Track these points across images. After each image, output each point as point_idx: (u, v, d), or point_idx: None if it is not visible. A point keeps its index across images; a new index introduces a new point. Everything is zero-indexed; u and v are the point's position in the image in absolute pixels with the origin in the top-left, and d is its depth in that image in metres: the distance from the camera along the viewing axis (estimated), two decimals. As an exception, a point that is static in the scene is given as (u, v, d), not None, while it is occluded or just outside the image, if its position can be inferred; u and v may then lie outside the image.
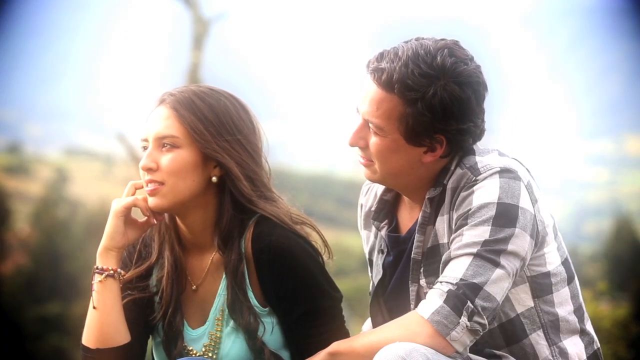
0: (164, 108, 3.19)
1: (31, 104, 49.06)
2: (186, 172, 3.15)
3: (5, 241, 28.89)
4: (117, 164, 39.58)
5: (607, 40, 54.14)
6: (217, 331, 3.22)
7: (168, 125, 3.16)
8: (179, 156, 3.14)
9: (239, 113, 3.21)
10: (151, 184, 3.16)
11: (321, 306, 3.15)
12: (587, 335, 3.15)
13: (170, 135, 3.15)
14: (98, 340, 3.16)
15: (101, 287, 3.17)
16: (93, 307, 3.17)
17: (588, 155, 49.52)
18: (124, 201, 3.19)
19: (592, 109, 52.55)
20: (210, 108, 3.17)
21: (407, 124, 3.01)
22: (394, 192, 3.27)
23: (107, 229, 3.19)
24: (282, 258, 3.13)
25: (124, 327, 3.18)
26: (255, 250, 3.15)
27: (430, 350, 2.85)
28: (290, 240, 3.15)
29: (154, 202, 3.15)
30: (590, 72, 54.89)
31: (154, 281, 3.29)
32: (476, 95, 3.03)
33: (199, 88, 3.22)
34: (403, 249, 3.20)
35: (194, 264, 3.27)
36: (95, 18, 54.66)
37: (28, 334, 24.76)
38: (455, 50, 3.03)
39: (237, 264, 3.16)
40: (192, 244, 3.25)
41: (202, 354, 3.23)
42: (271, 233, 3.14)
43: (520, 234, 2.95)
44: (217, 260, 3.22)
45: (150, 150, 3.16)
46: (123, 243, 3.19)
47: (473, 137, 3.07)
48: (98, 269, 3.18)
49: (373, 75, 3.05)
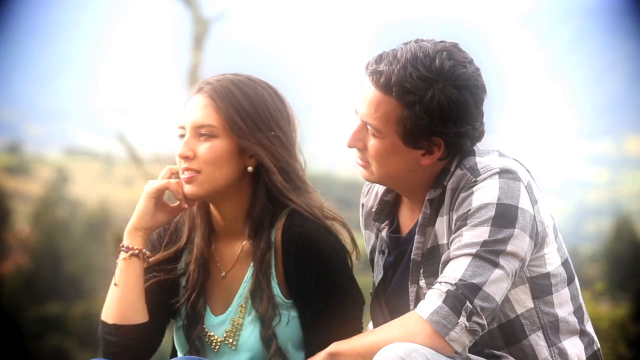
0: (201, 97, 3.21)
1: (31, 104, 49.05)
2: (222, 161, 3.18)
3: (5, 241, 28.89)
4: (117, 164, 39.56)
5: (607, 41, 54.11)
6: (239, 318, 3.24)
7: (206, 115, 3.18)
8: (215, 146, 3.17)
9: (275, 104, 3.24)
10: (187, 171, 3.19)
11: (340, 306, 3.16)
12: (587, 336, 3.15)
13: (208, 124, 3.18)
14: (116, 317, 3.19)
15: (125, 265, 3.20)
16: (114, 283, 3.20)
17: (588, 155, 49.49)
18: (157, 183, 3.22)
19: (592, 109, 52.52)
20: (247, 99, 3.20)
21: (405, 127, 3.01)
22: (394, 193, 3.27)
23: (136, 209, 3.22)
24: (310, 249, 3.15)
25: (142, 306, 3.21)
26: (284, 240, 3.18)
27: (429, 351, 2.85)
28: (319, 234, 3.17)
29: (190, 190, 3.18)
30: (590, 72, 54.86)
31: (182, 265, 3.31)
32: (474, 99, 3.03)
33: (237, 77, 3.24)
34: (404, 250, 3.20)
35: (224, 250, 3.29)
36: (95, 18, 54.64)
37: (28, 334, 24.75)
38: (454, 53, 3.02)
39: (265, 252, 3.19)
40: (224, 231, 3.28)
41: (222, 340, 3.25)
42: (302, 225, 3.17)
43: (519, 234, 2.95)
44: (248, 249, 3.25)
45: (187, 139, 3.19)
46: (151, 224, 3.23)
47: (472, 139, 3.07)
48: (124, 246, 3.21)
49: (371, 78, 3.05)
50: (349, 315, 3.17)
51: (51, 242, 29.02)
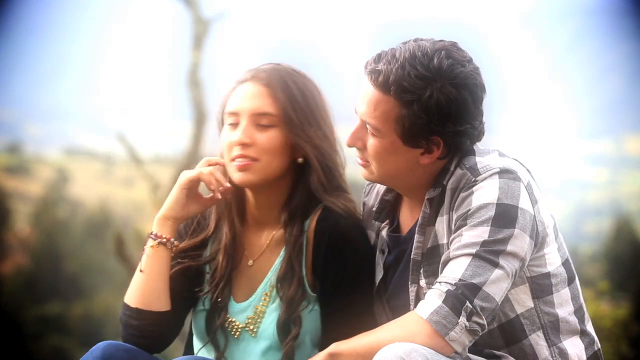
0: (257, 85, 3.21)
1: (31, 104, 49.05)
2: (279, 151, 3.20)
3: (5, 241, 28.92)
4: (117, 164, 39.58)
5: (607, 41, 54.13)
6: (262, 306, 3.25)
7: (267, 104, 3.19)
8: (275, 135, 3.19)
9: (322, 100, 3.28)
10: (242, 159, 3.18)
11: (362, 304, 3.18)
12: (588, 336, 3.15)
13: (269, 113, 3.19)
14: (139, 301, 3.20)
15: (152, 252, 3.21)
16: (140, 270, 3.21)
17: (588, 155, 49.50)
18: (189, 174, 3.21)
19: (592, 109, 52.53)
20: (301, 93, 3.22)
21: (404, 126, 3.01)
22: (395, 192, 3.27)
23: (168, 198, 3.23)
24: (342, 243, 3.18)
25: (166, 295, 3.21)
26: (317, 231, 3.20)
27: (429, 351, 2.85)
28: (353, 230, 3.21)
29: (244, 177, 3.18)
30: (590, 72, 54.87)
31: (208, 252, 3.32)
32: (473, 98, 3.02)
33: (286, 69, 3.26)
34: (404, 249, 3.20)
35: (253, 239, 3.30)
36: (95, 18, 54.64)
37: (28, 334, 24.77)
38: (452, 52, 3.02)
39: (297, 237, 3.20)
40: (255, 220, 3.29)
41: (243, 326, 3.26)
42: (337, 219, 3.20)
43: (519, 234, 2.95)
44: (278, 238, 3.26)
45: (245, 126, 3.18)
46: (182, 215, 3.23)
47: (471, 138, 3.06)
48: (152, 234, 3.21)
49: (370, 77, 3.05)
50: (367, 313, 3.19)
51: (51, 242, 29.05)
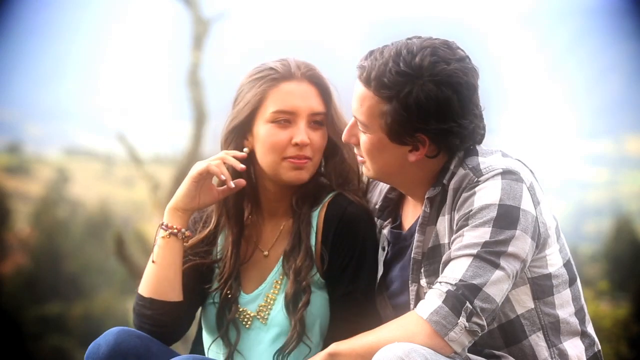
0: (310, 85, 3.28)
1: (31, 104, 49.03)
2: (324, 148, 3.29)
3: (5, 241, 28.91)
4: (117, 164, 39.56)
5: (607, 41, 54.09)
6: (273, 293, 3.27)
7: (319, 103, 3.27)
8: (325, 133, 3.28)
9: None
10: (301, 158, 3.24)
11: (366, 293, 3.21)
12: (588, 337, 3.14)
13: (322, 112, 3.28)
14: (152, 291, 3.23)
15: (163, 243, 3.24)
16: (152, 260, 3.23)
17: (588, 155, 49.46)
18: (199, 166, 3.23)
19: (592, 109, 52.50)
20: (334, 89, 3.30)
21: (387, 122, 3.02)
22: (398, 191, 3.28)
23: (178, 190, 3.25)
24: (351, 228, 3.22)
25: (178, 285, 3.24)
26: (327, 216, 3.24)
27: (429, 351, 2.85)
28: (362, 216, 3.25)
29: (299, 176, 3.25)
30: (590, 72, 54.84)
31: (218, 249, 3.35)
32: (458, 96, 2.99)
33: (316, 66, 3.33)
34: (403, 246, 3.20)
35: (265, 230, 3.34)
36: (95, 18, 54.63)
37: (28, 334, 24.77)
38: (439, 49, 3.00)
39: (306, 214, 3.25)
40: (268, 212, 3.33)
41: (255, 315, 3.28)
42: (346, 205, 3.24)
43: (521, 235, 2.94)
44: (288, 228, 3.30)
45: (304, 126, 3.23)
46: (192, 206, 3.25)
47: (460, 137, 3.03)
48: (163, 225, 3.24)
49: (357, 72, 3.08)
50: (369, 302, 3.21)
51: (51, 242, 29.04)
